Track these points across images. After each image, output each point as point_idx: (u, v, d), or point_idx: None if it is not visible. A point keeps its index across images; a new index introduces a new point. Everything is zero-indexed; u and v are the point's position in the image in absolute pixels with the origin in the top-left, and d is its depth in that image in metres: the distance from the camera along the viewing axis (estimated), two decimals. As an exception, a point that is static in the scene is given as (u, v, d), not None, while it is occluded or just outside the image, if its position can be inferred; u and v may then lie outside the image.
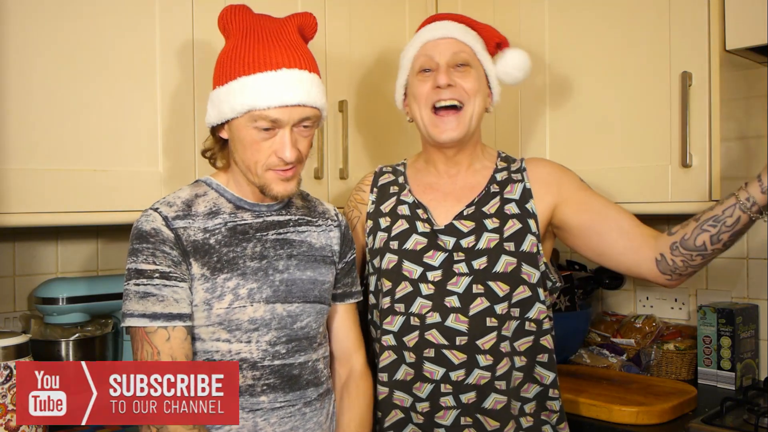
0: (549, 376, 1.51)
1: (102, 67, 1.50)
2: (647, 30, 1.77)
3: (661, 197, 1.76)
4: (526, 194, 1.52)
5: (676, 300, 2.15)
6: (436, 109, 1.50)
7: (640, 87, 1.79)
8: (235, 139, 1.29)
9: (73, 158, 1.46)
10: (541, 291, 1.49)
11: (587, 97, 1.89)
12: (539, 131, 1.99)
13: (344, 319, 1.49)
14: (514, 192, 1.53)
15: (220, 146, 1.35)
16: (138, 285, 1.23)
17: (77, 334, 1.68)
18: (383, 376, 1.50)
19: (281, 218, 1.37)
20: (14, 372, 1.34)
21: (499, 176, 1.55)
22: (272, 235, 1.34)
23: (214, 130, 1.33)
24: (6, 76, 1.38)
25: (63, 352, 1.66)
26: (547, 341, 1.51)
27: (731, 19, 1.66)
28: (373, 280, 1.56)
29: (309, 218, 1.41)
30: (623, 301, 2.27)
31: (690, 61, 1.70)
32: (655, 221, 2.18)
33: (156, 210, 1.27)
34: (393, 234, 1.53)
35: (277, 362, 1.31)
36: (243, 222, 1.32)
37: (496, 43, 1.54)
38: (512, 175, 1.55)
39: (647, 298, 2.21)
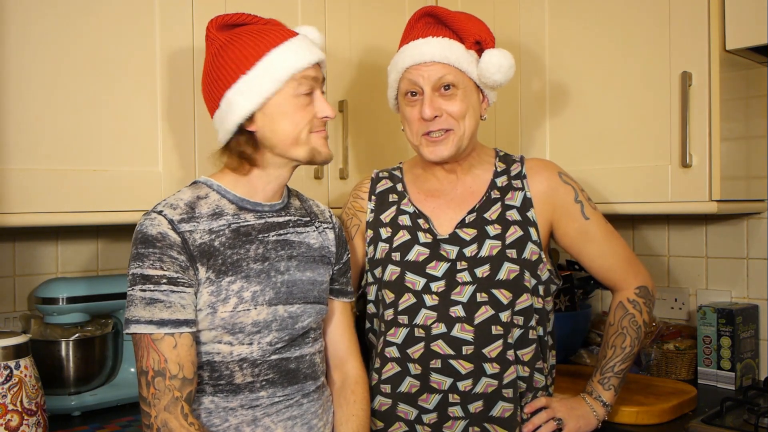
0: (542, 381, 1.52)
1: (102, 67, 1.50)
2: (647, 30, 1.78)
3: (661, 197, 1.76)
4: (527, 203, 1.51)
5: (676, 300, 2.15)
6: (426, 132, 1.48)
7: (640, 87, 1.79)
8: (276, 117, 1.27)
9: (73, 158, 1.46)
10: (539, 300, 1.50)
11: (587, 97, 1.89)
12: (539, 132, 1.99)
13: (339, 320, 1.48)
14: (515, 199, 1.52)
15: (247, 140, 1.30)
16: (144, 291, 1.20)
17: (77, 334, 1.68)
18: (386, 388, 1.49)
19: (281, 219, 1.36)
20: (14, 372, 1.34)
21: (499, 181, 1.54)
22: (273, 236, 1.33)
23: (240, 129, 1.28)
24: (6, 76, 1.38)
25: (63, 352, 1.66)
26: (543, 348, 1.51)
27: (731, 19, 1.66)
28: (373, 289, 1.56)
29: (307, 219, 1.41)
30: (623, 301, 2.27)
31: (690, 61, 1.70)
32: (655, 221, 2.19)
33: (160, 213, 1.24)
34: (395, 245, 1.52)
35: (274, 357, 1.31)
36: (246, 223, 1.31)
37: (474, 42, 1.47)
38: (512, 181, 1.53)
39: (647, 298, 2.21)
